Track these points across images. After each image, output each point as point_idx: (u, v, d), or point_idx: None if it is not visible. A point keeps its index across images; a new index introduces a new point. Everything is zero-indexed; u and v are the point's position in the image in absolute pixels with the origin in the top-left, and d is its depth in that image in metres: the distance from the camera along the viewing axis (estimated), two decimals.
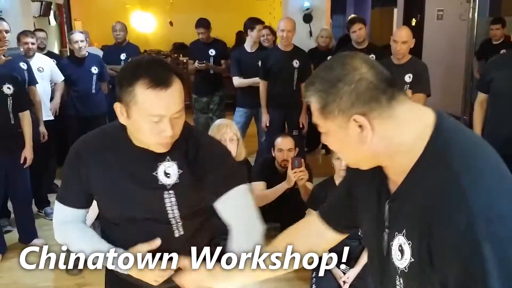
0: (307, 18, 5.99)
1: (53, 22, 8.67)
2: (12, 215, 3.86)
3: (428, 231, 0.89)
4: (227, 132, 2.59)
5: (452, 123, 0.97)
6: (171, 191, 1.42)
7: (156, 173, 1.40)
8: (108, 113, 4.75)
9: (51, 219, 3.99)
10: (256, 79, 4.70)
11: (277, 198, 3.31)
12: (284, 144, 3.41)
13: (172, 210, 1.44)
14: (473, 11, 6.21)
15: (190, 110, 4.79)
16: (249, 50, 4.93)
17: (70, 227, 1.50)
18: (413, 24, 7.99)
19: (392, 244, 0.99)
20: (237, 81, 4.85)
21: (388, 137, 0.95)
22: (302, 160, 3.18)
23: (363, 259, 2.69)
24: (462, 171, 0.88)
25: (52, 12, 8.50)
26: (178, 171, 1.41)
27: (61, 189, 1.53)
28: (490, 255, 0.81)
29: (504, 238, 0.83)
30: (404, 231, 0.96)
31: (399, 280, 1.00)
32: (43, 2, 7.71)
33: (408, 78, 3.47)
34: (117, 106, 1.32)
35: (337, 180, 2.81)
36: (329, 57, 4.20)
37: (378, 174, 1.05)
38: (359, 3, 12.48)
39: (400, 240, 0.97)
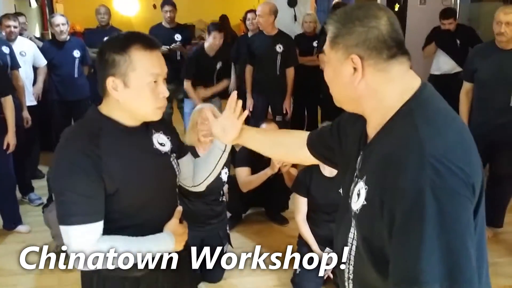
0: (292, 2, 5.98)
1: (34, 4, 8.48)
2: None
3: (383, 177, 0.95)
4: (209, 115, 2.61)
5: (432, 93, 1.04)
6: (172, 155, 1.52)
7: (155, 146, 1.47)
8: (91, 96, 4.72)
9: (36, 205, 4.05)
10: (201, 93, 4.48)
11: (261, 183, 3.36)
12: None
13: (178, 172, 1.56)
14: None
15: None
16: (209, 53, 4.52)
17: (108, 244, 1.33)
18: (396, 9, 8.01)
19: (354, 189, 1.07)
20: (187, 85, 4.40)
21: (374, 89, 1.02)
22: None
23: None
24: (424, 124, 0.95)
25: None
26: (167, 137, 1.52)
27: (75, 207, 1.29)
28: (430, 203, 0.86)
29: (448, 190, 0.87)
30: (365, 177, 1.03)
31: (354, 223, 1.08)
32: None
33: None
34: (110, 81, 1.32)
35: (321, 165, 2.86)
36: (314, 42, 4.26)
37: (361, 125, 1.13)
38: None
39: (359, 185, 1.04)
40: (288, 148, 1.52)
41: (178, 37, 5.06)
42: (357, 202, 1.04)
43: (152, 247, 1.40)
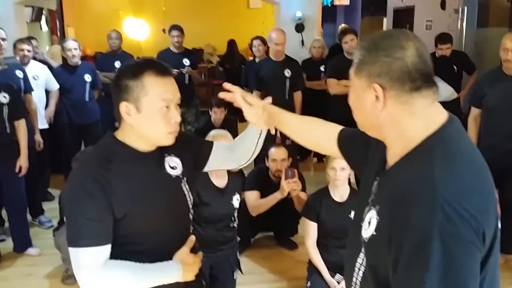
0: (299, 27, 6.08)
1: (45, 27, 8.67)
2: (6, 224, 3.86)
3: (394, 213, 0.94)
4: (222, 142, 2.63)
5: (457, 130, 1.02)
6: (183, 179, 1.52)
7: (166, 170, 1.48)
8: (102, 120, 4.78)
9: (46, 228, 4.08)
10: None
11: (270, 207, 3.36)
12: (277, 155, 3.46)
13: (190, 198, 1.54)
14: (461, 21, 6.34)
15: None
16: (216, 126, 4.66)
17: (115, 269, 1.34)
18: None
19: (366, 215, 1.07)
20: None
21: (396, 119, 1.02)
22: (295, 170, 3.24)
23: None
24: (442, 165, 0.93)
25: (44, 18, 8.50)
26: (179, 158, 1.52)
27: (84, 230, 1.31)
28: (436, 246, 0.85)
29: (456, 236, 0.86)
30: (378, 207, 1.03)
31: (363, 249, 1.08)
32: (35, 8, 7.71)
33: None
34: (123, 106, 1.36)
35: (331, 189, 2.87)
36: (322, 67, 4.33)
37: (382, 149, 1.12)
38: (349, 13, 12.60)
39: (372, 213, 1.04)
40: (318, 139, 1.50)
41: (186, 61, 5.16)
42: (367, 230, 1.05)
43: (158, 274, 1.39)
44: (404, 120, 1.01)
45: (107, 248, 1.34)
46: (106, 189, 1.32)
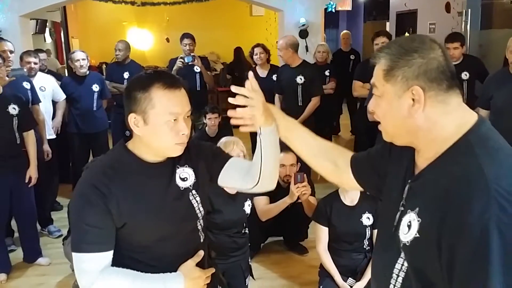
0: (303, 33, 6.09)
1: (48, 39, 8.74)
2: (16, 234, 3.87)
3: (443, 212, 0.94)
4: (234, 149, 2.63)
5: (491, 129, 1.04)
6: (193, 191, 1.49)
7: (176, 182, 1.46)
8: (115, 129, 4.80)
9: (55, 237, 4.09)
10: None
11: (280, 212, 3.36)
12: (286, 160, 3.46)
13: (199, 209, 1.51)
14: (465, 24, 6.34)
15: None
16: (210, 135, 4.65)
17: (114, 276, 1.36)
18: None
19: (402, 219, 1.05)
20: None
21: (434, 120, 1.02)
22: (305, 175, 3.23)
23: (369, 272, 2.73)
24: (487, 161, 0.94)
25: (47, 30, 8.58)
26: (192, 169, 1.50)
27: (86, 236, 1.34)
28: (495, 240, 0.86)
29: (496, 222, 0.87)
30: (417, 209, 1.01)
31: (401, 254, 1.06)
32: (39, 20, 7.78)
33: None
34: (131, 117, 1.36)
35: (342, 194, 2.86)
36: (327, 71, 4.30)
37: (408, 155, 1.12)
38: (351, 18, 12.65)
39: (410, 216, 1.02)
40: (334, 166, 1.39)
41: (197, 68, 5.16)
42: (407, 234, 1.02)
43: (159, 286, 1.39)
44: (441, 120, 1.02)
45: (108, 255, 1.37)
46: (105, 197, 1.34)
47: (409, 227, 1.02)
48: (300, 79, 4.58)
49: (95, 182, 1.36)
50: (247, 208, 2.76)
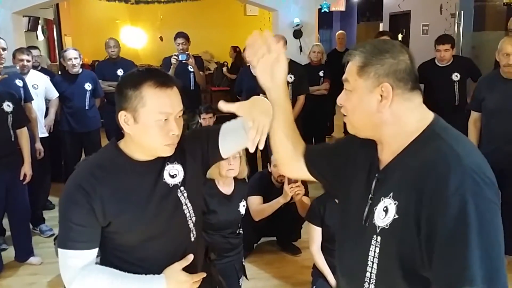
0: (297, 34, 6.10)
1: (41, 37, 8.68)
2: (7, 233, 3.85)
3: (419, 188, 1.02)
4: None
5: (446, 124, 1.15)
6: (181, 187, 1.48)
7: (164, 179, 1.45)
8: (109, 127, 4.75)
9: (47, 236, 4.06)
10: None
11: (273, 212, 3.36)
12: None
13: (187, 207, 1.49)
14: (458, 25, 6.38)
15: None
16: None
17: (94, 274, 1.37)
18: (400, 38, 8.17)
19: (376, 208, 1.13)
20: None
21: (399, 115, 1.12)
22: None
23: None
24: (455, 143, 1.06)
25: (40, 27, 8.52)
26: (181, 167, 1.48)
27: (70, 234, 1.35)
28: (472, 211, 0.95)
29: (486, 199, 0.98)
30: (392, 194, 1.10)
31: (376, 239, 1.12)
32: (31, 17, 7.72)
33: None
34: (122, 115, 1.35)
35: None
36: (321, 72, 4.31)
37: (371, 150, 1.21)
38: (345, 18, 12.70)
39: (385, 202, 1.11)
40: (294, 151, 1.42)
41: (191, 68, 5.14)
42: (385, 218, 1.09)
43: (139, 286, 1.38)
44: (405, 116, 1.12)
45: (92, 252, 1.38)
46: (89, 196, 1.34)
47: (386, 212, 1.10)
48: (290, 78, 4.57)
49: (81, 181, 1.36)
50: (242, 209, 2.76)
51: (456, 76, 4.36)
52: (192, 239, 1.52)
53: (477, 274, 0.92)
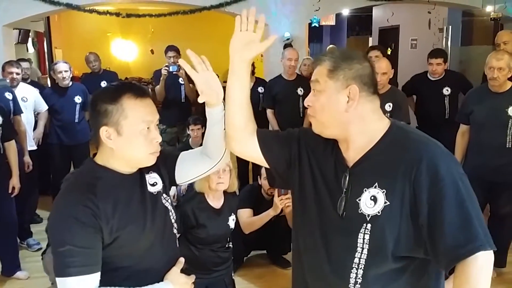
0: (288, 47, 6.13)
1: (31, 49, 8.65)
2: None
3: (408, 173, 1.18)
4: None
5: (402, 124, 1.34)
6: (164, 194, 1.52)
7: (148, 189, 1.47)
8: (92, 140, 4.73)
9: (34, 250, 4.01)
10: None
11: (263, 225, 3.35)
12: None
13: (172, 213, 1.54)
14: (446, 40, 6.48)
15: None
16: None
17: None
18: (389, 53, 8.25)
19: (360, 199, 1.24)
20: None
21: (363, 115, 1.26)
22: None
23: None
24: (423, 135, 1.27)
25: (30, 40, 8.50)
26: (159, 175, 1.53)
27: (72, 259, 1.27)
28: (461, 185, 1.17)
29: (463, 175, 1.21)
30: (376, 184, 1.22)
31: (366, 227, 1.22)
32: (21, 30, 7.71)
33: (388, 107, 3.57)
34: (103, 131, 1.35)
35: None
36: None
37: (334, 149, 1.33)
38: (334, 32, 12.82)
39: (371, 192, 1.23)
40: (245, 126, 1.44)
41: (182, 80, 5.13)
42: (375, 206, 1.21)
43: None
44: (368, 116, 1.26)
45: (96, 276, 1.31)
46: (96, 214, 1.30)
47: (374, 200, 1.22)
48: (300, 91, 4.63)
49: (82, 200, 1.30)
50: (231, 223, 2.75)
51: (447, 90, 4.39)
52: (177, 245, 1.58)
53: (482, 237, 1.13)
